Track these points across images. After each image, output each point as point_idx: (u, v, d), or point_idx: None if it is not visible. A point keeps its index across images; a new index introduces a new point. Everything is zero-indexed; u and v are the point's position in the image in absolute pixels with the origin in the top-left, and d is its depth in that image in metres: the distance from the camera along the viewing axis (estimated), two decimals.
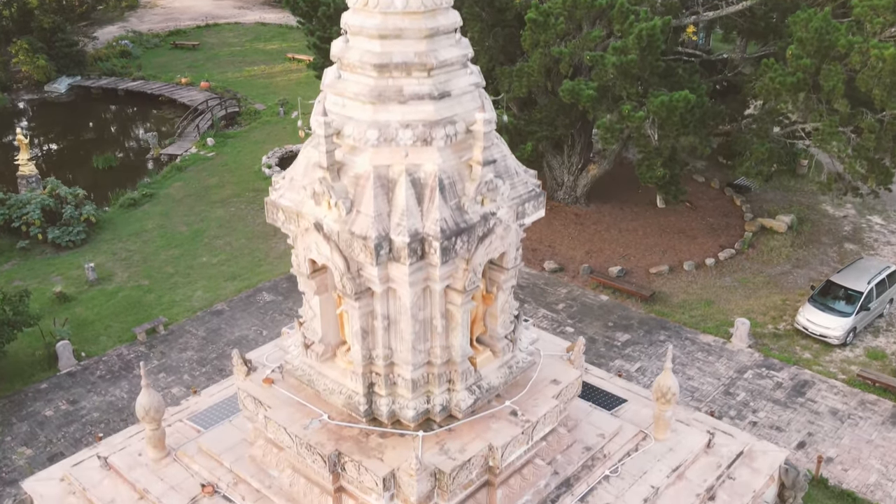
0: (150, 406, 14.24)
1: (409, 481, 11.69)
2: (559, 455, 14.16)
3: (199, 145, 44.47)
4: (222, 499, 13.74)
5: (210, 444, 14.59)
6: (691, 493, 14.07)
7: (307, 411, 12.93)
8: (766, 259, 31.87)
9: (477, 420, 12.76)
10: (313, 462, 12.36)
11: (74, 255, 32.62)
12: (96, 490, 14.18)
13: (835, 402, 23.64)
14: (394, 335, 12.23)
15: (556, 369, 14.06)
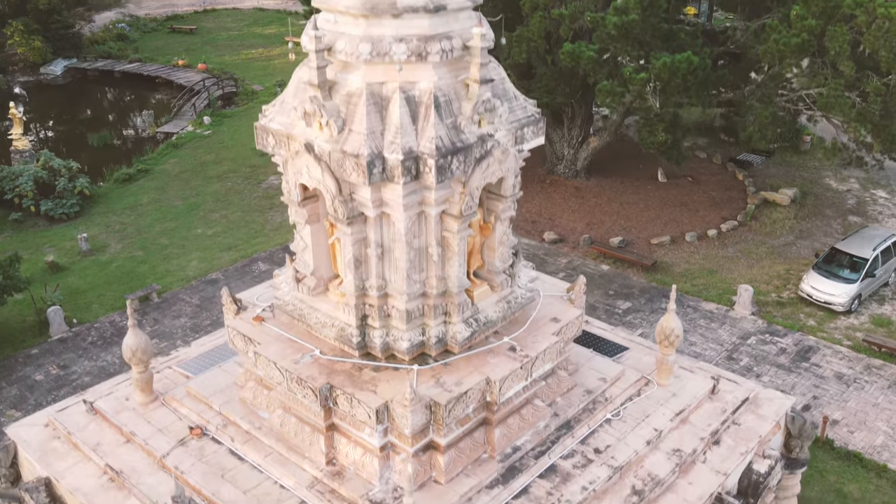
0: (137, 347, 13.79)
1: (404, 413, 11.24)
2: (559, 398, 13.71)
3: (195, 124, 44.05)
4: (211, 441, 13.28)
5: (199, 387, 14.14)
6: (695, 436, 13.62)
7: (298, 347, 12.49)
8: (769, 231, 31.44)
9: (474, 355, 12.31)
10: (304, 397, 11.91)
11: (68, 227, 32.22)
12: (81, 434, 13.73)
13: (840, 366, 23.20)
14: (388, 264, 11.79)
15: (556, 308, 13.62)
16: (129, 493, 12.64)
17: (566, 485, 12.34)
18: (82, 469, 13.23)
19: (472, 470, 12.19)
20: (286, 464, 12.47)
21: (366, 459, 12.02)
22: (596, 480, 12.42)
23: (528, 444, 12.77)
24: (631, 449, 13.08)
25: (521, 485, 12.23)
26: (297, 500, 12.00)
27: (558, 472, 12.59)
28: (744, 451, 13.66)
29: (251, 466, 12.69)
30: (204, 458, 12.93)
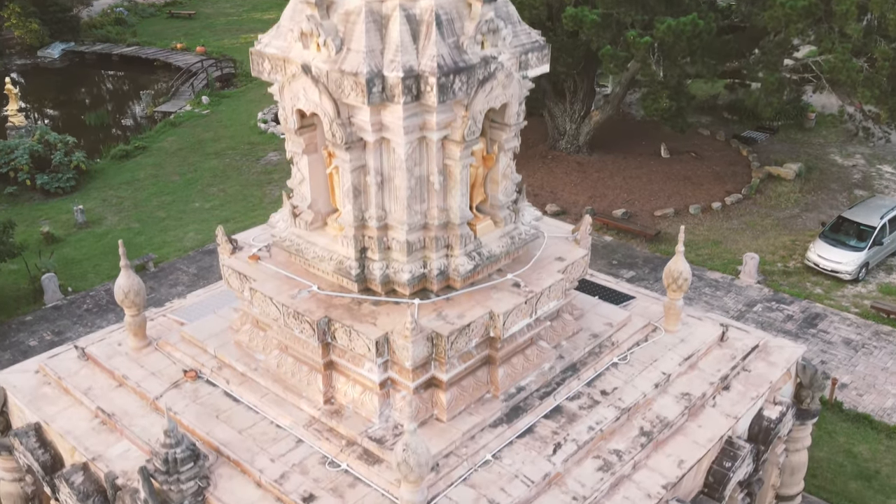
0: (130, 288, 13.39)
1: (404, 344, 10.84)
2: (564, 341, 13.31)
3: (193, 103, 43.60)
4: (205, 383, 12.88)
5: (193, 332, 13.75)
6: (704, 381, 13.21)
7: (296, 284, 12.09)
8: (774, 204, 31.03)
9: (477, 291, 11.91)
10: (301, 332, 11.52)
11: (64, 201, 31.81)
12: (72, 379, 13.33)
13: (848, 332, 22.82)
14: (388, 194, 11.39)
15: (561, 248, 13.22)
16: (122, 435, 12.24)
17: (572, 425, 11.94)
18: (73, 413, 12.83)
19: (475, 408, 11.80)
20: (283, 404, 12.08)
21: (365, 397, 11.63)
22: (603, 421, 12.03)
23: (533, 385, 12.38)
24: (638, 391, 12.69)
25: (525, 424, 11.84)
26: (294, 440, 11.61)
27: (564, 412, 12.20)
28: (754, 396, 13.26)
29: (247, 407, 12.30)
30: (198, 399, 12.54)
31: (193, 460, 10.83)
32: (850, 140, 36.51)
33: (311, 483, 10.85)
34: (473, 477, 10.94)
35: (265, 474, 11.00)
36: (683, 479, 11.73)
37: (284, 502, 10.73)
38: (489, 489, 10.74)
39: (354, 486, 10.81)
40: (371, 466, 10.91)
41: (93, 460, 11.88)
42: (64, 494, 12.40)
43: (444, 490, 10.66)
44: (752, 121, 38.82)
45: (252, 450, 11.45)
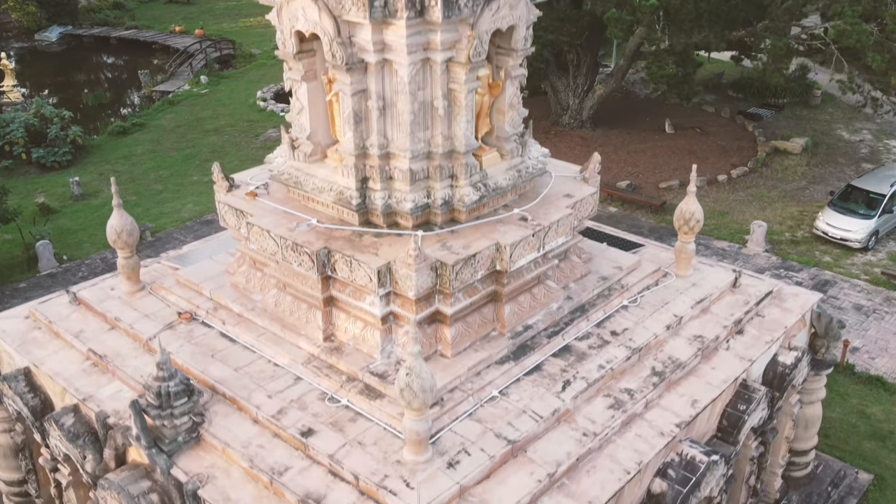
0: (122, 228, 12.93)
1: (407, 273, 10.38)
2: (572, 283, 12.85)
3: (192, 83, 43.15)
4: (200, 325, 12.42)
5: (189, 275, 13.29)
6: (717, 325, 12.76)
7: (294, 219, 11.63)
8: (781, 177, 30.58)
9: (482, 224, 11.46)
10: (300, 265, 11.06)
11: (60, 175, 31.38)
12: (63, 323, 12.87)
13: (858, 298, 22.38)
14: (390, 120, 10.93)
15: (569, 186, 12.79)
16: (113, 376, 11.80)
17: (581, 363, 11.49)
18: (64, 355, 12.39)
19: (481, 345, 11.34)
20: (281, 342, 11.63)
21: (366, 333, 11.18)
22: (613, 360, 11.58)
23: (541, 324, 11.92)
24: (650, 332, 12.24)
25: (533, 362, 11.39)
26: (293, 377, 11.15)
27: (573, 351, 11.75)
28: (768, 340, 12.81)
29: (243, 347, 11.85)
30: (193, 339, 12.09)
31: (187, 395, 10.39)
32: (856, 116, 36.08)
33: (309, 418, 10.40)
34: (479, 412, 10.49)
35: (262, 410, 10.55)
36: (697, 420, 11.29)
37: (282, 437, 10.28)
38: (496, 423, 10.29)
39: (355, 420, 10.36)
40: (373, 401, 10.46)
41: (83, 401, 11.44)
42: (54, 438, 11.95)
43: (448, 424, 10.22)
44: (758, 98, 38.42)
45: (248, 387, 11.01)
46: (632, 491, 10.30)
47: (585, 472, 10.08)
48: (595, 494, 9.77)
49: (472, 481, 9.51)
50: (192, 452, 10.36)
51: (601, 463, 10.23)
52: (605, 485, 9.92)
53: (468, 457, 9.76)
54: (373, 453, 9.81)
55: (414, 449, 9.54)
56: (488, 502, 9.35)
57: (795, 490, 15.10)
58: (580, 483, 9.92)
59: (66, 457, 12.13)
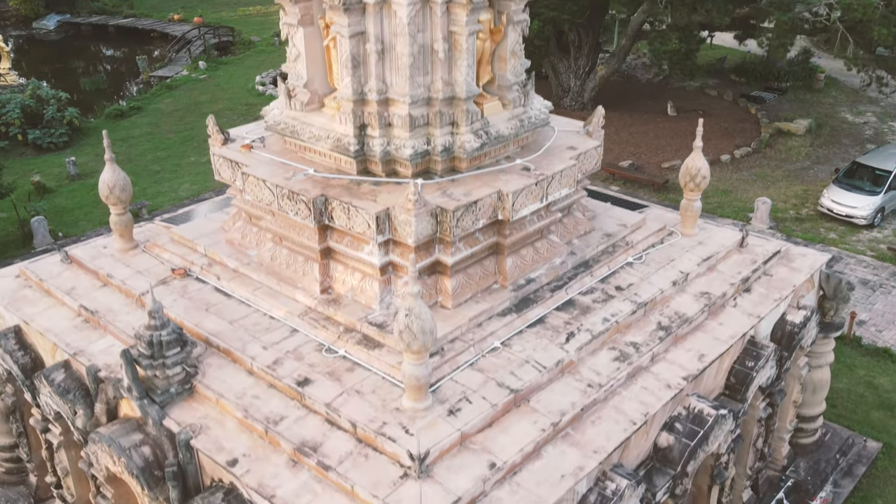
0: (115, 183, 12.63)
1: (406, 219, 10.08)
2: (576, 240, 12.55)
3: (190, 68, 42.88)
4: (195, 281, 12.12)
5: (183, 232, 12.98)
6: (724, 282, 12.44)
7: (291, 169, 11.34)
8: (785, 157, 30.28)
9: (484, 174, 11.17)
10: (296, 214, 10.75)
11: (56, 156, 31.07)
12: (55, 280, 12.56)
13: (864, 273, 22.08)
14: (389, 64, 10.63)
15: (573, 139, 12.49)
16: (105, 331, 11.49)
17: (586, 316, 11.18)
18: (55, 312, 12.08)
19: (482, 297, 11.04)
20: (277, 296, 11.32)
21: (365, 284, 10.87)
22: (618, 314, 11.26)
23: (544, 279, 11.61)
24: (655, 288, 11.93)
25: (536, 315, 11.08)
26: (289, 329, 10.84)
27: (577, 305, 11.44)
28: (777, 298, 12.50)
29: (238, 301, 11.54)
30: (187, 294, 11.79)
31: (180, 345, 10.07)
32: (860, 99, 35.80)
33: (306, 368, 10.09)
34: (481, 362, 10.18)
35: (257, 361, 10.25)
36: (704, 375, 10.99)
37: (277, 388, 9.97)
38: (498, 373, 9.98)
39: (353, 370, 10.05)
40: (371, 351, 10.15)
41: (74, 355, 11.13)
42: (44, 395, 11.65)
43: (449, 373, 9.91)
44: (760, 82, 38.11)
45: (243, 339, 10.70)
46: (638, 443, 9.99)
47: (590, 422, 9.77)
48: (601, 444, 9.46)
49: (473, 429, 9.20)
50: (184, 404, 10.06)
51: (606, 414, 9.92)
52: (610, 435, 9.61)
53: (469, 405, 9.46)
54: (371, 401, 9.50)
55: (413, 395, 9.24)
56: (490, 450, 9.04)
57: (803, 457, 14.79)
58: (585, 433, 9.61)
59: (56, 415, 11.83)
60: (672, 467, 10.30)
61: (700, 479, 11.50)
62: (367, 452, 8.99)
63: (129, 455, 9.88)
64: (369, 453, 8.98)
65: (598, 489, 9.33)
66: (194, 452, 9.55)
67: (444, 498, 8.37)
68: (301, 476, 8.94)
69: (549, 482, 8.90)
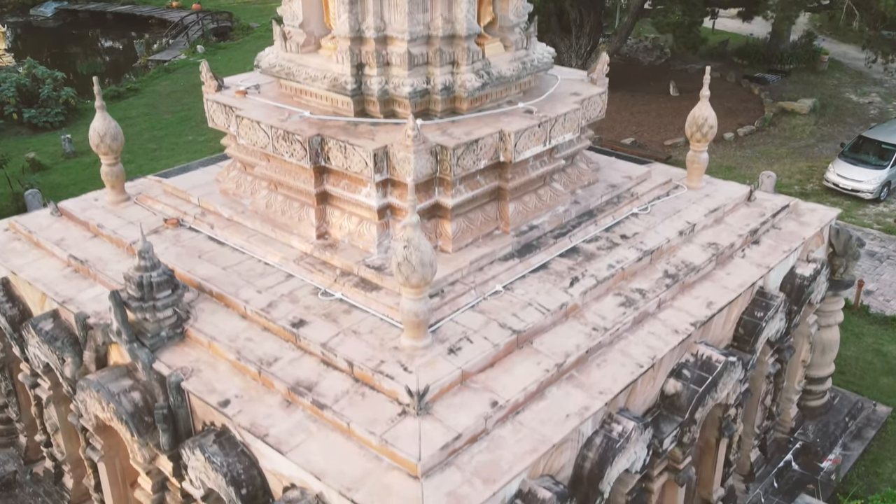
0: (106, 131, 12.30)
1: (405, 156, 9.74)
2: (580, 189, 12.22)
3: (188, 53, 42.56)
4: (188, 230, 11.78)
5: (176, 183, 12.67)
6: (732, 233, 12.10)
7: (286, 112, 11.00)
8: (789, 135, 29.96)
9: (485, 115, 10.84)
10: (292, 155, 10.41)
11: (52, 135, 30.73)
12: (44, 232, 12.21)
13: (871, 246, 21.76)
14: (387, 1, 10.29)
15: (577, 86, 12.15)
16: (95, 280, 11.14)
17: (590, 262, 10.84)
18: (44, 263, 11.74)
19: (484, 242, 10.71)
20: (271, 243, 10.99)
21: (362, 228, 10.54)
22: (624, 260, 10.92)
23: (547, 226, 11.28)
24: (662, 237, 11.59)
25: (539, 261, 10.73)
26: (284, 274, 10.50)
27: (581, 252, 11.11)
28: (786, 249, 12.16)
29: (232, 249, 11.20)
30: (179, 242, 11.45)
31: (171, 288, 9.73)
32: (864, 80, 35.51)
33: (301, 310, 9.75)
34: (482, 304, 9.84)
35: (251, 304, 9.90)
36: (712, 324, 10.64)
37: (271, 330, 9.63)
38: (500, 315, 9.64)
39: (350, 312, 9.71)
40: (368, 293, 9.81)
41: (63, 303, 10.79)
42: (32, 346, 11.32)
43: (449, 315, 9.56)
44: (763, 65, 37.78)
45: (237, 283, 10.36)
46: (644, 388, 9.66)
47: (596, 365, 9.43)
48: (606, 386, 9.12)
49: (474, 368, 8.86)
50: (175, 349, 9.71)
51: (612, 357, 9.58)
52: (616, 377, 9.27)
53: (470, 344, 9.12)
54: (368, 341, 9.17)
55: (412, 333, 8.90)
56: (492, 389, 8.70)
57: (811, 420, 14.45)
58: (590, 375, 9.27)
59: (45, 368, 11.49)
60: (680, 414, 9.96)
61: (708, 432, 11.17)
62: (363, 391, 8.65)
63: (118, 400, 9.54)
64: (366, 392, 8.64)
65: (604, 432, 8.99)
66: (185, 395, 9.21)
67: (443, 434, 8.03)
68: (295, 416, 8.60)
69: (553, 421, 8.56)
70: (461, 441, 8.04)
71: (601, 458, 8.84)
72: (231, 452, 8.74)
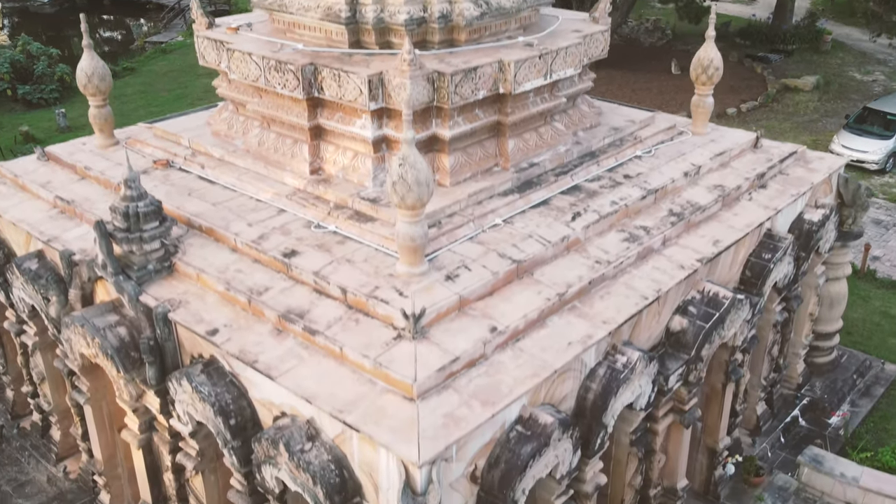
0: (93, 71, 11.96)
1: (401, 82, 9.39)
2: (581, 132, 11.87)
3: (185, 35, 42.08)
4: (177, 171, 11.43)
5: (167, 126, 12.33)
6: (739, 176, 11.74)
7: (278, 45, 10.65)
8: (793, 111, 29.59)
9: (484, 47, 10.49)
10: (284, 86, 10.06)
11: (47, 111, 30.29)
12: (30, 176, 11.86)
13: (877, 214, 21.41)
14: None
15: (578, 24, 11.82)
16: (81, 220, 10.79)
17: (593, 199, 10.49)
18: (29, 205, 11.40)
19: (483, 178, 10.37)
20: (264, 180, 10.65)
21: (357, 162, 10.19)
22: (627, 197, 10.57)
23: (548, 164, 10.93)
24: (666, 177, 11.24)
25: (539, 197, 10.39)
26: (276, 209, 10.16)
27: (583, 190, 10.76)
28: (794, 193, 11.81)
29: (223, 187, 10.86)
30: (169, 182, 11.11)
31: (159, 219, 9.37)
32: (868, 60, 35.13)
33: (293, 242, 9.40)
34: (481, 237, 9.49)
35: (241, 237, 9.55)
36: (719, 263, 10.30)
37: (262, 262, 9.27)
38: (499, 246, 9.29)
39: (343, 243, 9.36)
40: (363, 224, 9.46)
41: (48, 242, 10.45)
42: (17, 289, 10.99)
43: (447, 245, 9.22)
44: (766, 45, 37.35)
45: (227, 218, 10.01)
46: (649, 323, 9.31)
47: (599, 296, 9.08)
48: (610, 316, 8.77)
49: (472, 294, 8.51)
50: (163, 282, 9.36)
51: (616, 289, 9.23)
52: (620, 308, 8.92)
53: (469, 272, 8.77)
54: (363, 269, 8.82)
55: (408, 259, 8.55)
56: (491, 316, 8.35)
57: (819, 377, 14.10)
58: (593, 306, 8.92)
59: (31, 312, 11.16)
60: (685, 352, 9.61)
61: (714, 377, 10.82)
62: (357, 317, 8.30)
63: (103, 335, 9.20)
64: (360, 318, 8.29)
65: (608, 363, 8.65)
66: (172, 327, 8.86)
67: (440, 357, 7.68)
68: (286, 343, 8.25)
69: (554, 349, 8.21)
70: (459, 364, 7.70)
71: (605, 390, 8.50)
72: (219, 382, 8.40)
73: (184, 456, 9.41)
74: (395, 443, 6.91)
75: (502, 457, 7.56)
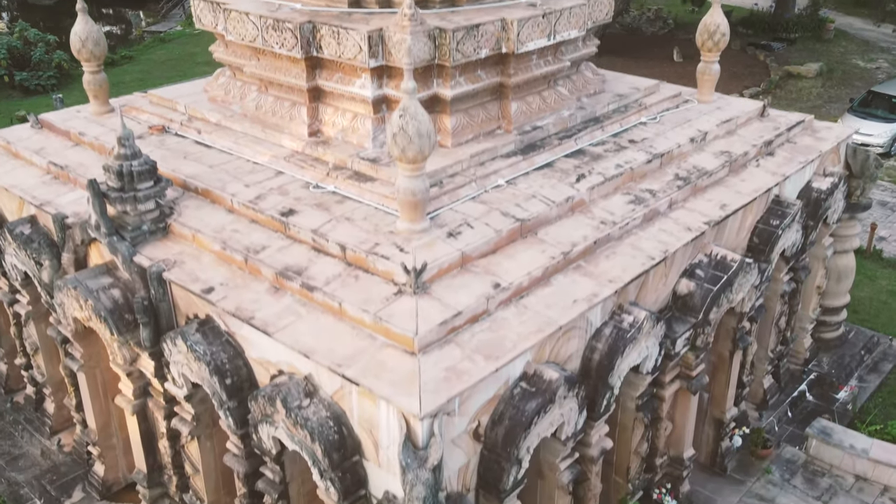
0: (88, 35, 11.73)
1: (402, 38, 9.16)
2: (585, 98, 11.65)
3: (184, 24, 41.92)
4: (173, 136, 11.20)
5: (163, 93, 12.12)
6: (746, 143, 11.52)
7: (276, 5, 10.42)
8: (796, 97, 29.36)
9: (486, 7, 10.26)
10: (282, 46, 9.83)
11: (45, 98, 30.04)
12: (23, 143, 11.63)
13: (882, 196, 21.21)
14: None
15: None
16: (75, 185, 10.56)
17: (597, 162, 10.27)
18: (22, 172, 11.16)
19: (485, 139, 10.14)
20: (261, 143, 10.42)
21: (356, 123, 9.97)
22: (633, 161, 10.35)
23: (552, 128, 10.71)
24: (672, 142, 11.01)
25: (543, 160, 10.16)
26: (273, 171, 9.93)
27: (587, 153, 10.53)
28: (802, 160, 11.59)
29: (220, 151, 10.62)
30: (164, 146, 10.88)
31: (153, 179, 9.16)
32: (871, 48, 34.91)
33: (291, 201, 9.18)
34: (483, 196, 9.26)
35: (238, 197, 9.32)
36: (726, 228, 10.08)
37: (259, 222, 9.05)
38: (502, 205, 9.07)
39: (343, 202, 9.14)
40: (363, 184, 9.24)
41: (41, 206, 10.21)
42: (9, 255, 10.78)
43: (449, 204, 8.99)
44: (768, 34, 37.17)
45: (224, 179, 9.78)
46: (656, 285, 9.09)
47: (604, 256, 8.86)
48: (616, 275, 8.54)
49: (475, 252, 8.29)
50: (158, 243, 9.13)
51: (622, 250, 9.01)
52: (626, 268, 8.69)
53: (471, 230, 8.55)
54: (362, 226, 8.59)
55: (409, 215, 8.32)
56: (495, 273, 8.13)
57: (826, 352, 13.87)
58: (598, 265, 8.70)
59: (24, 280, 10.94)
60: (693, 315, 9.39)
61: (721, 345, 10.60)
62: (356, 274, 8.08)
63: (96, 297, 8.99)
64: (359, 275, 8.07)
65: (615, 322, 8.43)
66: (167, 287, 8.64)
67: (442, 312, 7.46)
68: (283, 300, 8.03)
69: (559, 306, 7.98)
70: (461, 319, 7.47)
71: (611, 349, 8.28)
72: (215, 341, 8.19)
73: (179, 421, 9.19)
74: (395, 395, 6.69)
75: (506, 413, 7.34)
